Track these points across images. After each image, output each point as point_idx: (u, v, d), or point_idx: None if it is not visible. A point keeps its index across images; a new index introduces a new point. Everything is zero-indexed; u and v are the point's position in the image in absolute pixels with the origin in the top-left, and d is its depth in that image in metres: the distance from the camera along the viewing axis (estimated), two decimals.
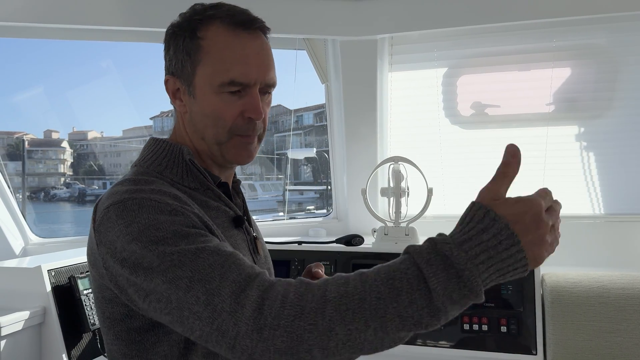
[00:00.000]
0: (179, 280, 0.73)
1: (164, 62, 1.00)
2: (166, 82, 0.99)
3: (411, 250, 0.70)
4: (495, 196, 0.70)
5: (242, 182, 1.13)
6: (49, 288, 1.54)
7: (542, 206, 0.69)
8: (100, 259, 0.84)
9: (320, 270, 1.12)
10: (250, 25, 0.94)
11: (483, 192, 0.71)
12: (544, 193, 0.72)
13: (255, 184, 5.05)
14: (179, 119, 1.01)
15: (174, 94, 0.99)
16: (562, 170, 2.24)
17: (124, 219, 0.80)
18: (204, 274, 0.73)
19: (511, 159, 0.71)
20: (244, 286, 0.71)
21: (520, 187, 0.74)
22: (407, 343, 0.74)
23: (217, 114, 0.94)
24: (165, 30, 0.99)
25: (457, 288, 0.65)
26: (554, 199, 0.73)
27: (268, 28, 0.98)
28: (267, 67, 0.96)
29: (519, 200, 0.69)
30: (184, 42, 0.94)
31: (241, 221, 1.00)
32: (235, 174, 1.09)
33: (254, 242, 1.05)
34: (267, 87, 0.97)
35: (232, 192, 1.05)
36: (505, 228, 0.66)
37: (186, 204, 0.86)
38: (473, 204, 0.70)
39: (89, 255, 0.90)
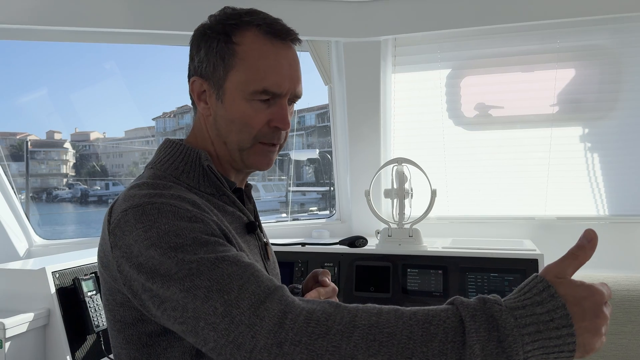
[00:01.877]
0: (196, 289, 0.72)
1: (189, 62, 0.98)
2: (192, 83, 0.97)
3: (457, 301, 0.68)
4: (559, 274, 0.68)
5: None
6: (53, 290, 1.54)
7: (605, 297, 0.68)
8: (115, 262, 0.83)
9: (327, 279, 1.10)
10: (286, 36, 0.94)
11: (548, 268, 0.69)
12: (606, 286, 0.70)
13: (257, 185, 5.05)
14: (200, 121, 1.00)
15: (198, 96, 0.97)
16: (566, 171, 2.24)
17: (143, 224, 0.79)
18: (223, 284, 0.72)
19: (586, 244, 0.70)
20: (263, 299, 0.70)
21: (523, 188, 0.73)
22: None
23: (244, 121, 0.93)
24: (165, 32, 0.98)
25: (495, 352, 0.62)
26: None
27: (300, 40, 0.98)
28: (298, 79, 0.97)
29: (583, 284, 0.67)
30: (217, 45, 0.93)
31: (254, 227, 1.00)
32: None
33: (265, 247, 1.04)
34: (294, 98, 0.98)
35: (244, 197, 1.05)
36: (562, 307, 0.64)
37: (205, 211, 0.85)
38: (535, 276, 0.68)
39: (101, 257, 0.89)
